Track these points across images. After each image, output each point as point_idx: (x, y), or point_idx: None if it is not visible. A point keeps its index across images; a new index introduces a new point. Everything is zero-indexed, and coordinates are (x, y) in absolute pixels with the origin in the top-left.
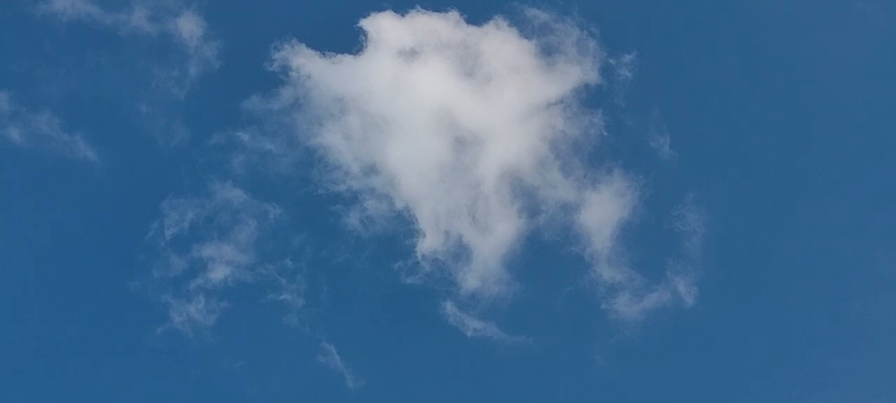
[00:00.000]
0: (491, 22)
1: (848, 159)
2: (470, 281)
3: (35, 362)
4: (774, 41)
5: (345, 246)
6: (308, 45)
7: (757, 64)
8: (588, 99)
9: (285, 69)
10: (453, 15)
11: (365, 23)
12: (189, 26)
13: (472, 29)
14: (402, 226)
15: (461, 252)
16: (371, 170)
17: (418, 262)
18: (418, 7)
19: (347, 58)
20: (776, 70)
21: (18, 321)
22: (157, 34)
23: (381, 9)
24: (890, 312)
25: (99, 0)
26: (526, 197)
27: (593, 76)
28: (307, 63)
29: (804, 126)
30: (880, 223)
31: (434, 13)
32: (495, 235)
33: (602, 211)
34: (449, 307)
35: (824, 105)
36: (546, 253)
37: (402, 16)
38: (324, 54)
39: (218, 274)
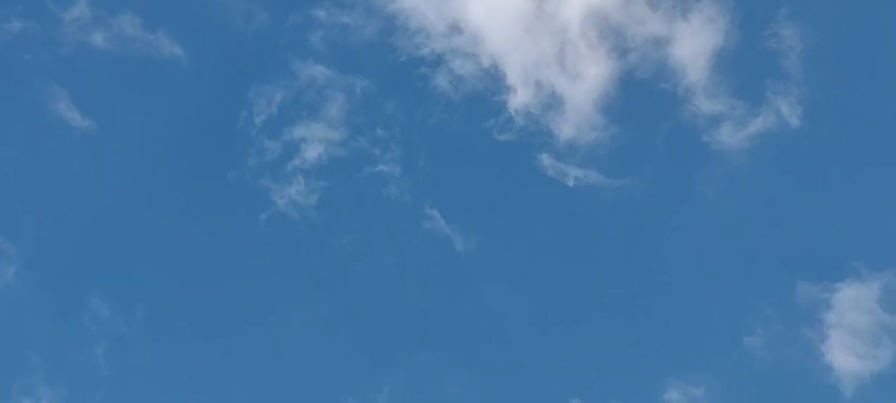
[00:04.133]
0: None
1: None
2: (565, 130)
3: (148, 265)
4: None
5: (436, 108)
6: None
7: None
8: None
9: None
10: None
11: None
12: None
13: None
14: (492, 83)
15: (553, 102)
16: (454, 29)
17: (511, 117)
18: None
19: None
20: None
21: (127, 227)
22: None
23: None
24: None
25: None
26: (614, 36)
27: None
28: None
29: None
30: None
31: None
32: (587, 80)
33: (694, 40)
34: (546, 159)
35: None
36: (641, 92)
37: None
38: None
39: (312, 152)
